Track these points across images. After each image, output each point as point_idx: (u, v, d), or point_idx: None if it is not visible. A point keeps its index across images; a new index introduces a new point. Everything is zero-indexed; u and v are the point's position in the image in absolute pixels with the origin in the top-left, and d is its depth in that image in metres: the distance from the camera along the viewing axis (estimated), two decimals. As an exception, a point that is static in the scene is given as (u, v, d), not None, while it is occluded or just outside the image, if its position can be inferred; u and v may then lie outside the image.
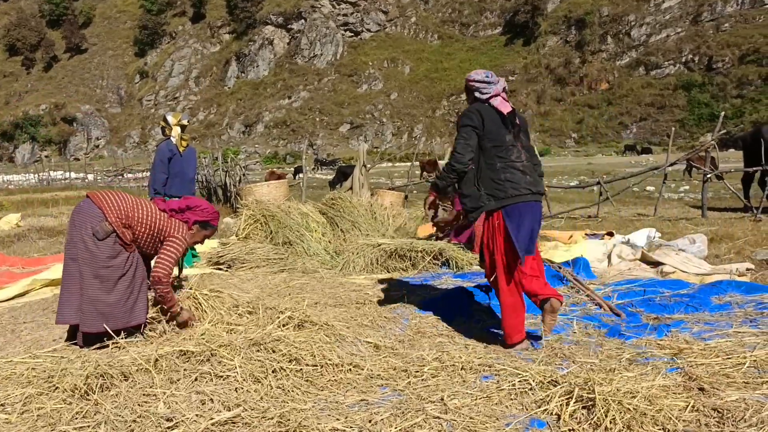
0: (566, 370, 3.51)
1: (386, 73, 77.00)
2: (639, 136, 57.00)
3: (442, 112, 69.29)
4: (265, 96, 76.77)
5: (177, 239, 4.10)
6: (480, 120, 3.84)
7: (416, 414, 2.94)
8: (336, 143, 66.65)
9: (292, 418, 2.83)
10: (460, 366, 3.59)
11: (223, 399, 3.07)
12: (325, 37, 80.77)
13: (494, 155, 3.85)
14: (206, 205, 4.31)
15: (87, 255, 3.89)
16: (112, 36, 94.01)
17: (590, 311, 4.89)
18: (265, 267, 6.99)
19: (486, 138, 3.85)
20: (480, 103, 3.93)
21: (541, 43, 73.02)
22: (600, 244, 7.39)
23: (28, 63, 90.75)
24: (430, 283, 6.08)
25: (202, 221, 4.25)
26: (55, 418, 2.96)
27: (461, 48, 78.42)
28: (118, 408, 3.02)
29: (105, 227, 3.90)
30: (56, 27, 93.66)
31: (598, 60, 67.05)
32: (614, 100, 62.28)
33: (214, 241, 8.64)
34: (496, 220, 3.86)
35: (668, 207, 13.08)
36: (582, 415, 2.82)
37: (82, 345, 3.97)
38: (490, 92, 3.91)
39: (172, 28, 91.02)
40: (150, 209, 4.11)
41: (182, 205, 4.20)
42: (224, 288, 6.06)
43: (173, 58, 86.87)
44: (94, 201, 3.98)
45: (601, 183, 12.30)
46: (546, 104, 65.63)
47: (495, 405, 3.08)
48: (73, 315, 3.95)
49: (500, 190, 3.81)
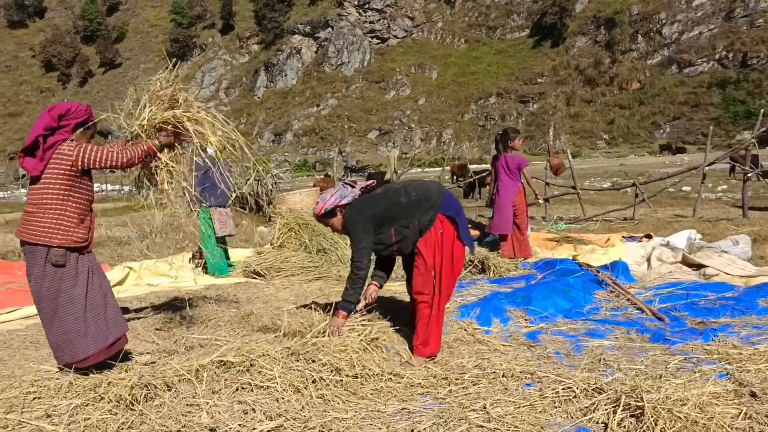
0: (611, 377, 3.44)
1: (414, 78, 76.86)
2: (672, 135, 55.93)
3: (470, 116, 68.84)
4: (293, 105, 77.21)
5: (86, 149, 3.66)
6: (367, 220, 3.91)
7: (459, 423, 2.90)
8: (365, 150, 66.71)
9: (334, 428, 2.82)
10: (501, 373, 3.54)
11: (264, 409, 3.07)
12: (352, 45, 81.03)
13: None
14: (75, 105, 3.83)
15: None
16: (144, 50, 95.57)
17: (632, 316, 4.80)
18: (300, 275, 7.01)
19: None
20: (356, 201, 4.00)
21: (569, 44, 72.18)
22: (638, 247, 7.26)
23: (64, 78, 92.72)
24: (466, 289, 6.03)
25: (82, 121, 3.81)
26: (102, 428, 2.99)
27: (488, 51, 77.90)
28: (163, 418, 3.04)
29: (56, 253, 3.63)
30: (90, 43, 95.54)
31: (629, 59, 65.98)
32: (646, 99, 61.19)
33: (248, 250, 8.70)
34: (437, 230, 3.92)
35: (707, 207, 12.80)
36: (630, 424, 2.76)
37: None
38: (349, 195, 4.00)
39: (202, 40, 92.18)
40: (40, 186, 3.67)
41: (53, 122, 3.68)
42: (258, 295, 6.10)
43: (203, 69, 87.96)
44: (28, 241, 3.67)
45: (636, 184, 12.10)
46: (576, 106, 64.76)
47: (539, 413, 3.02)
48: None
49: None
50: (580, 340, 4.20)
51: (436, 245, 3.87)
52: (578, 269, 6.22)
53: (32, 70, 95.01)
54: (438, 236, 3.87)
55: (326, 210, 3.99)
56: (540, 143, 56.69)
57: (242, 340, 3.99)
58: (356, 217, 3.90)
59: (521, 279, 6.30)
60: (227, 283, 6.96)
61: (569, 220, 11.43)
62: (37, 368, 3.81)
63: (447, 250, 3.88)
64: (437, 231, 3.87)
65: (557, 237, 8.69)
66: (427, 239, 3.87)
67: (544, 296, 5.15)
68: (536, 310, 4.94)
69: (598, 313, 4.96)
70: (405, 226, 3.89)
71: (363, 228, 3.87)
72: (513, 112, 65.18)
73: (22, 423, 3.13)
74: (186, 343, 4.23)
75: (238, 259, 8.19)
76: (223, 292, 6.44)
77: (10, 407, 3.32)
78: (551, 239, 8.51)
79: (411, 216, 3.87)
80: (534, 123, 63.49)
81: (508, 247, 7.50)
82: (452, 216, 3.93)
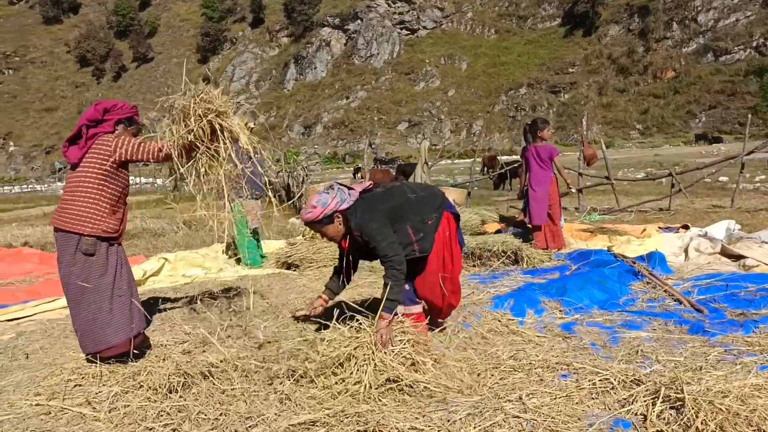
0: (649, 368, 3.39)
1: (443, 69, 76.52)
2: (708, 125, 54.83)
3: (500, 107, 68.29)
4: (323, 97, 77.48)
5: (123, 141, 3.75)
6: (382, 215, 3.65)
7: (495, 413, 2.89)
8: (394, 142, 66.65)
9: (370, 419, 2.82)
10: (537, 364, 3.52)
11: (300, 399, 3.09)
12: (381, 36, 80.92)
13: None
14: (121, 103, 3.95)
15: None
16: (176, 44, 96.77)
17: (669, 307, 4.72)
18: (332, 266, 7.01)
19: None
20: (358, 204, 3.70)
21: (602, 33, 71.11)
22: (675, 238, 7.13)
23: (98, 73, 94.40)
24: (500, 280, 5.99)
25: (125, 118, 3.90)
26: (141, 415, 3.04)
27: (519, 42, 77.18)
28: (200, 406, 3.08)
29: (86, 242, 3.70)
30: (124, 38, 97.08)
31: (663, 48, 64.76)
32: (681, 88, 60.07)
33: (281, 241, 8.76)
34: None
35: (745, 198, 12.52)
36: (670, 416, 2.71)
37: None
38: (347, 198, 3.68)
39: (232, 34, 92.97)
40: (77, 174, 3.76)
41: (98, 115, 3.80)
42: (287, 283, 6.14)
43: (234, 63, 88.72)
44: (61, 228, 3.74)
45: (672, 174, 11.89)
46: (608, 95, 63.83)
47: (576, 404, 2.99)
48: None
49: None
50: (616, 332, 4.14)
51: (444, 245, 3.79)
52: (613, 260, 6.14)
53: (67, 66, 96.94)
54: (446, 237, 3.79)
55: (325, 215, 3.63)
56: (571, 134, 56.09)
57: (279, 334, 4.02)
58: (369, 214, 3.60)
59: (555, 270, 6.24)
60: (260, 274, 7.01)
61: (603, 210, 11.28)
62: (77, 356, 3.89)
63: (455, 249, 3.87)
64: (445, 231, 3.78)
65: (591, 228, 8.58)
66: (438, 240, 3.77)
67: (579, 287, 5.09)
68: (571, 301, 4.89)
69: (635, 304, 4.88)
70: (422, 222, 3.71)
71: (381, 223, 3.58)
72: (544, 103, 64.54)
73: (64, 409, 3.20)
74: (222, 334, 4.27)
75: (270, 250, 8.25)
76: (257, 282, 6.50)
77: (52, 394, 3.41)
78: (585, 230, 8.41)
79: (423, 213, 3.73)
80: (565, 113, 62.79)
81: (541, 237, 7.43)
82: (455, 213, 3.91)
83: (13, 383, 3.72)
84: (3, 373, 3.94)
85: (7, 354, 4.40)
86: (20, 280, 7.35)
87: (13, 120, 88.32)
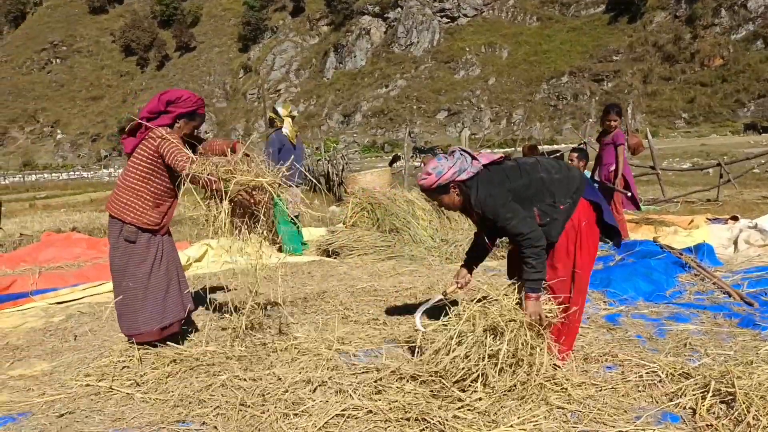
0: (698, 362, 3.31)
1: (484, 58, 75.68)
2: (758, 114, 53.13)
3: (541, 95, 67.29)
4: (362, 86, 77.46)
5: (167, 143, 3.68)
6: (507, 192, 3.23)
7: (539, 404, 2.86)
8: (433, 131, 66.33)
9: (414, 406, 2.82)
10: (582, 356, 3.47)
11: (338, 388, 3.12)
12: (421, 25, 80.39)
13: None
14: (187, 95, 3.85)
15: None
16: (218, 33, 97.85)
17: (718, 300, 4.60)
18: (372, 254, 7.04)
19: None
20: (480, 178, 3.27)
21: (648, 20, 69.37)
22: (724, 229, 6.94)
23: (142, 62, 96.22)
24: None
25: (187, 113, 3.83)
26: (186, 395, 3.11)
27: (562, 29, 75.78)
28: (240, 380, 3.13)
29: (128, 229, 3.77)
30: (167, 27, 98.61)
31: (711, 35, 62.88)
32: (729, 76, 58.30)
33: (322, 229, 8.82)
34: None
35: (797, 189, 12.13)
36: (720, 410, 2.66)
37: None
38: (468, 168, 3.26)
39: (273, 23, 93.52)
40: (129, 164, 3.80)
41: (160, 106, 3.77)
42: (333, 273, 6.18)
43: (274, 52, 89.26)
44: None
45: (721, 164, 11.57)
46: (653, 83, 62.33)
47: (622, 397, 2.95)
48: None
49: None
50: (663, 324, 4.06)
51: (577, 236, 3.28)
52: (659, 251, 6.00)
53: (112, 55, 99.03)
54: (580, 227, 3.27)
55: (440, 185, 3.28)
56: (615, 123, 54.92)
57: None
58: (490, 191, 3.19)
59: (599, 260, 6.11)
60: (301, 261, 7.07)
61: (648, 201, 11.04)
62: (124, 339, 3.98)
63: (589, 243, 3.32)
64: (580, 221, 3.27)
65: (636, 218, 8.41)
66: (568, 230, 3.27)
67: (624, 278, 5.00)
68: (615, 292, 4.81)
69: (682, 296, 4.78)
70: (552, 206, 3.23)
71: (507, 199, 3.17)
72: (586, 91, 63.35)
73: (113, 390, 3.29)
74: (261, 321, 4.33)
75: (311, 238, 8.31)
76: (298, 269, 6.56)
77: (101, 375, 3.50)
78: (630, 220, 8.25)
79: (556, 195, 3.23)
80: (608, 102, 61.54)
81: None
82: (596, 201, 3.32)
83: (64, 364, 3.83)
84: (54, 355, 4.07)
85: (57, 336, 4.53)
86: (69, 264, 7.53)
87: (61, 108, 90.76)
